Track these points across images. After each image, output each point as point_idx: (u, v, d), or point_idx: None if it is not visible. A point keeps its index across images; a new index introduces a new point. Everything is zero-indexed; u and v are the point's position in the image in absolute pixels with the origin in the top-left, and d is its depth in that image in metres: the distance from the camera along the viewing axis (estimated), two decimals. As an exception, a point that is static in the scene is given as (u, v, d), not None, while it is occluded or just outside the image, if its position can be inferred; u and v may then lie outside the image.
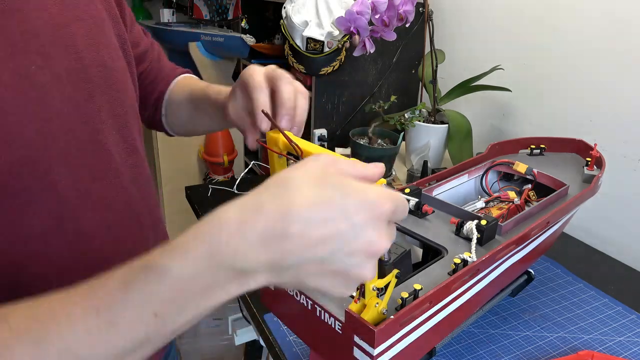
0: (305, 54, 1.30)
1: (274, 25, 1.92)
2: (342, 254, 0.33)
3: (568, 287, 0.85)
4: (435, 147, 1.23)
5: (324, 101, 1.40)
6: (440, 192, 0.75)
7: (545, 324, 0.76)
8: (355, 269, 0.34)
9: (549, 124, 1.17)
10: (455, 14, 1.41)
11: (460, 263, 0.54)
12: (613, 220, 1.04)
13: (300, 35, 1.30)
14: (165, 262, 0.33)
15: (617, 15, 0.98)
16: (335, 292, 0.35)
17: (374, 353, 0.45)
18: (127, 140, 0.61)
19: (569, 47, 1.09)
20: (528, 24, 1.19)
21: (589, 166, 0.79)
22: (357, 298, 0.46)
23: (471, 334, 0.73)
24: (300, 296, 0.51)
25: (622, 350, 0.71)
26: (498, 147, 0.86)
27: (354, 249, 0.33)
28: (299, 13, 1.30)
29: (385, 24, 1.01)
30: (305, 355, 0.69)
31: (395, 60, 1.44)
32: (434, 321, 0.52)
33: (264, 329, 0.74)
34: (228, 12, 2.12)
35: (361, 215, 0.33)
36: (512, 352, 0.70)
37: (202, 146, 2.24)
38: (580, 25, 1.06)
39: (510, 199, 0.75)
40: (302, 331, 0.56)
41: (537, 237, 0.67)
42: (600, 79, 1.04)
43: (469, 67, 1.37)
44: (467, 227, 0.61)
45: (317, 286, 0.35)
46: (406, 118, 1.23)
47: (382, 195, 0.34)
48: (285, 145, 0.48)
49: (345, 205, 0.33)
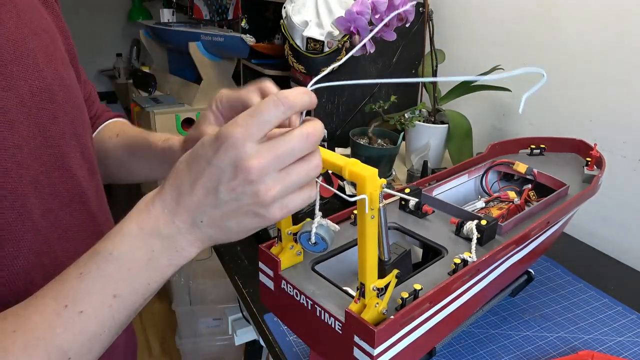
0: (305, 54, 1.30)
1: (274, 25, 1.92)
2: (225, 194, 0.37)
3: (568, 287, 0.85)
4: (435, 147, 1.23)
5: (324, 101, 1.40)
6: (440, 192, 0.75)
7: (545, 324, 0.76)
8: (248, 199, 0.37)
9: (549, 124, 1.17)
10: (455, 14, 1.41)
11: (460, 263, 0.54)
12: (613, 220, 1.04)
13: (300, 35, 1.30)
14: (108, 247, 0.39)
15: (618, 16, 0.98)
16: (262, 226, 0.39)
17: (374, 353, 0.45)
18: (88, 160, 0.58)
19: (569, 47, 1.09)
20: (528, 24, 1.19)
21: (589, 166, 0.79)
22: (357, 298, 0.46)
23: (471, 334, 0.73)
24: (300, 296, 0.52)
25: (622, 350, 0.71)
26: (498, 147, 0.86)
27: (231, 185, 0.37)
28: (299, 13, 1.30)
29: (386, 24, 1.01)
30: (305, 355, 0.69)
31: (395, 60, 1.44)
32: (434, 321, 0.52)
33: (264, 329, 0.74)
34: (228, 12, 2.12)
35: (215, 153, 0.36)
36: (512, 352, 0.70)
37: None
38: (581, 25, 1.06)
39: (510, 199, 0.75)
40: (302, 331, 0.56)
41: (537, 237, 0.67)
42: (600, 79, 1.04)
43: (469, 67, 1.37)
44: (467, 227, 0.61)
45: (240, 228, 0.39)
46: (406, 118, 1.23)
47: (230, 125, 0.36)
48: None
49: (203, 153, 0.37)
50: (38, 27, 0.53)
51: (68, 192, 0.54)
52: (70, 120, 0.54)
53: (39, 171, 0.50)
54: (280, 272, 0.54)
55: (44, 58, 0.52)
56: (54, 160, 0.52)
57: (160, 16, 2.32)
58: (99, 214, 0.59)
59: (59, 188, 0.52)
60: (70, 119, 0.55)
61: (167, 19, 2.29)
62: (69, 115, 0.54)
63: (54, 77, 0.53)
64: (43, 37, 0.53)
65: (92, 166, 0.59)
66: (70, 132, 0.54)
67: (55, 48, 0.55)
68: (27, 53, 0.49)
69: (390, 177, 1.22)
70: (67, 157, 0.54)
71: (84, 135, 0.58)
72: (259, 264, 0.56)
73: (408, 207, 0.67)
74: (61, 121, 0.53)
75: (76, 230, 0.55)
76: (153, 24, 2.21)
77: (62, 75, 0.54)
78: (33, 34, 0.51)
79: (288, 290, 0.53)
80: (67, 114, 0.54)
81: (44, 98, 0.50)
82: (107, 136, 0.73)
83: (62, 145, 0.53)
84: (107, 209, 0.63)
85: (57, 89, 0.53)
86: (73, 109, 0.55)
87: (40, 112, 0.50)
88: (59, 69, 0.54)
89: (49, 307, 0.38)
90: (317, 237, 0.46)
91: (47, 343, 0.37)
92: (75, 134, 0.55)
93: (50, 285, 0.40)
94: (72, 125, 0.55)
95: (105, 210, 0.62)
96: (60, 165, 0.53)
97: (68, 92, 0.55)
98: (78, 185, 0.55)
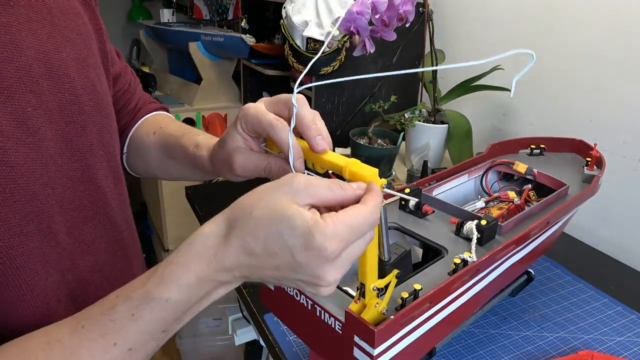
0: (305, 54, 1.30)
1: (274, 25, 1.92)
2: (291, 280, 0.39)
3: (568, 287, 0.85)
4: (435, 147, 1.23)
5: (324, 101, 1.40)
6: (440, 192, 0.75)
7: (545, 324, 0.76)
8: (307, 288, 0.40)
9: (549, 124, 1.17)
10: (455, 14, 1.41)
11: (460, 263, 0.54)
12: (613, 220, 1.05)
13: (300, 35, 1.30)
14: (164, 294, 0.39)
15: (618, 15, 0.98)
16: None
17: (374, 353, 0.45)
18: (114, 168, 0.57)
19: (569, 47, 1.09)
20: (528, 24, 1.19)
21: (589, 166, 0.79)
22: (357, 298, 0.46)
23: (471, 334, 0.73)
24: (300, 296, 0.52)
25: (622, 350, 0.71)
26: (498, 147, 0.86)
27: (299, 278, 0.39)
28: (299, 13, 1.30)
29: (385, 24, 1.01)
30: (305, 355, 0.69)
31: (395, 60, 1.44)
32: (434, 321, 0.52)
33: (264, 329, 0.74)
34: (228, 12, 2.12)
35: (303, 254, 0.37)
36: (512, 352, 0.70)
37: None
38: (581, 24, 1.06)
39: (510, 199, 0.75)
40: (302, 331, 0.56)
41: (537, 237, 0.67)
42: (600, 79, 1.04)
43: (469, 67, 1.37)
44: (467, 227, 0.61)
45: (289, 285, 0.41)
46: (406, 118, 1.23)
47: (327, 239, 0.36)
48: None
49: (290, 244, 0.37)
50: (73, 32, 0.51)
51: (92, 205, 0.53)
52: (97, 129, 0.53)
53: (65, 187, 0.49)
54: None
55: (76, 67, 0.50)
56: (80, 174, 0.51)
57: (160, 16, 2.32)
58: (121, 222, 0.58)
59: (84, 202, 0.51)
60: (98, 129, 0.53)
61: (167, 19, 2.29)
62: (97, 125, 0.53)
63: (85, 86, 0.51)
64: (77, 43, 0.51)
65: (117, 174, 0.58)
66: (97, 142, 0.53)
67: (89, 53, 0.53)
68: (58, 64, 0.48)
69: (390, 177, 1.22)
70: (93, 169, 0.52)
71: (111, 144, 0.56)
72: None
73: (408, 207, 0.67)
74: (89, 132, 0.52)
75: (99, 243, 0.54)
76: (153, 24, 2.21)
77: (93, 82, 0.53)
78: (67, 42, 0.50)
79: (288, 290, 0.53)
80: (95, 124, 0.53)
81: (73, 111, 0.49)
82: (145, 132, 0.70)
83: (88, 158, 0.52)
84: (129, 217, 0.62)
85: (87, 98, 0.51)
86: (101, 117, 0.54)
87: (69, 126, 0.49)
88: (90, 76, 0.52)
89: (96, 343, 0.39)
90: None
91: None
92: (102, 143, 0.54)
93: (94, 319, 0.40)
94: (99, 135, 0.53)
95: (128, 218, 0.61)
96: (87, 178, 0.52)
97: (97, 100, 0.53)
98: (103, 197, 0.54)
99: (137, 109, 0.72)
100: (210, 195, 1.15)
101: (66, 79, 0.48)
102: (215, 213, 0.41)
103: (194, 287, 0.39)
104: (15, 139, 0.43)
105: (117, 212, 0.57)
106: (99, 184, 0.53)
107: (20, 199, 0.43)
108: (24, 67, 0.44)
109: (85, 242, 0.52)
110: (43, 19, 0.47)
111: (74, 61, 0.50)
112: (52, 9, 0.49)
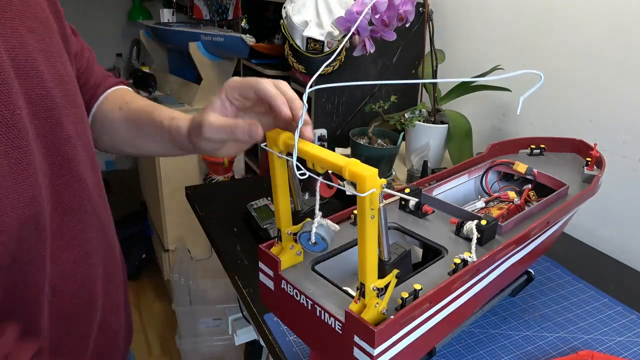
0: (305, 54, 1.30)
1: (274, 25, 1.92)
2: None
3: (568, 287, 0.85)
4: (435, 147, 1.23)
5: (324, 101, 1.40)
6: (440, 192, 0.75)
7: (545, 324, 0.76)
8: None
9: (549, 124, 1.17)
10: (455, 14, 1.41)
11: (460, 263, 0.54)
12: (613, 220, 1.05)
13: (300, 35, 1.30)
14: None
15: (617, 15, 0.98)
16: None
17: (374, 353, 0.45)
18: (89, 155, 0.57)
19: (569, 47, 1.09)
20: (528, 24, 1.19)
21: (589, 166, 0.79)
22: (357, 298, 0.46)
23: (471, 334, 0.73)
24: (300, 296, 0.52)
25: (622, 350, 0.71)
26: (498, 147, 0.86)
27: None
28: (299, 13, 1.30)
29: (385, 24, 1.01)
30: (305, 355, 0.69)
31: (395, 60, 1.44)
32: (434, 321, 0.52)
33: (264, 329, 0.74)
34: (228, 12, 2.12)
35: None
36: (512, 352, 0.70)
37: (202, 146, 2.24)
38: (581, 25, 1.06)
39: (510, 199, 0.75)
40: (302, 331, 0.56)
41: (537, 237, 0.67)
42: (600, 79, 1.04)
43: (469, 67, 1.37)
44: (467, 227, 0.61)
45: None
46: (406, 118, 1.23)
47: None
48: (285, 146, 0.48)
49: None
50: (35, 21, 0.49)
51: (76, 197, 0.53)
52: (72, 121, 0.53)
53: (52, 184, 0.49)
54: (280, 272, 0.54)
55: (43, 58, 0.49)
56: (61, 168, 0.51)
57: (160, 16, 2.32)
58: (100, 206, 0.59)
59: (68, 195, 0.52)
60: (72, 120, 0.53)
61: (167, 19, 2.29)
62: (70, 117, 0.53)
63: (54, 78, 0.50)
64: (40, 32, 0.49)
65: (92, 161, 0.58)
66: (74, 134, 0.53)
67: (51, 41, 0.52)
68: (27, 58, 0.47)
69: (390, 177, 1.22)
70: (74, 161, 0.53)
71: (85, 134, 0.57)
72: (258, 264, 0.56)
73: (408, 207, 0.67)
74: (65, 125, 0.52)
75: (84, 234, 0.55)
76: (153, 24, 2.21)
77: (60, 72, 0.52)
78: (30, 33, 0.48)
79: (288, 290, 0.53)
80: (68, 115, 0.53)
81: (46, 106, 0.49)
82: (109, 109, 0.69)
83: (68, 151, 0.52)
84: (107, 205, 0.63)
85: (57, 91, 0.51)
86: (73, 108, 0.54)
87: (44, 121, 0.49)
88: (56, 66, 0.51)
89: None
90: (317, 237, 0.47)
91: None
92: (78, 134, 0.54)
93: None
94: (74, 126, 0.54)
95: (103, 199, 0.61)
96: (69, 172, 0.52)
97: (67, 91, 0.53)
98: (85, 188, 0.55)
99: (97, 85, 0.70)
100: (210, 195, 1.15)
101: (35, 74, 0.47)
102: (215, 213, 0.41)
103: None
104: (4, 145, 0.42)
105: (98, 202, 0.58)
106: (81, 175, 0.54)
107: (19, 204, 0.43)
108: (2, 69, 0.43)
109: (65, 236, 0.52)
110: (4, 12, 0.45)
111: (40, 52, 0.49)
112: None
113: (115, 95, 0.71)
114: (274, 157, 0.49)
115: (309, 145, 0.46)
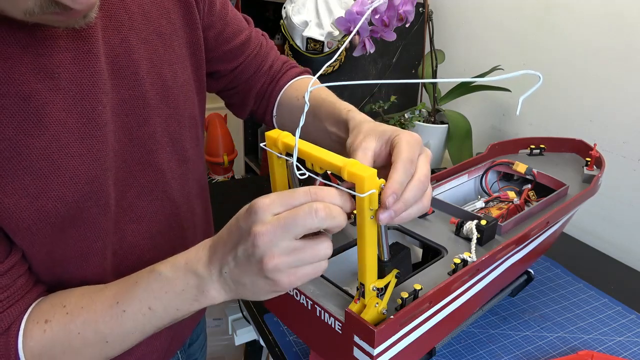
0: (305, 54, 1.30)
1: (273, 26, 1.92)
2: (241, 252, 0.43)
3: (568, 287, 0.85)
4: (435, 147, 1.23)
5: (324, 101, 1.40)
6: (440, 192, 0.75)
7: (545, 324, 0.76)
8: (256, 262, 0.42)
9: (549, 124, 1.17)
10: (455, 14, 1.41)
11: (460, 263, 0.54)
12: (613, 220, 1.05)
13: (300, 35, 1.30)
14: (162, 269, 0.48)
15: (618, 15, 0.98)
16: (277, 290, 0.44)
17: (374, 353, 0.45)
18: (179, 152, 0.62)
19: (569, 47, 1.09)
20: (528, 24, 1.19)
21: (589, 166, 0.79)
22: (357, 298, 0.46)
23: (471, 334, 0.73)
24: (300, 296, 0.52)
25: (622, 350, 0.71)
26: (498, 147, 0.86)
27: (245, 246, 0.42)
28: (299, 13, 1.30)
29: (385, 24, 1.01)
30: (305, 355, 0.69)
31: (395, 60, 1.44)
32: (434, 321, 0.52)
33: (264, 329, 0.74)
34: (228, 12, 2.12)
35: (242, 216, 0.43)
36: (512, 352, 0.70)
37: (202, 146, 2.24)
38: (580, 25, 1.06)
39: (510, 199, 0.75)
40: (302, 331, 0.56)
41: (537, 237, 0.67)
42: (600, 79, 1.04)
43: (469, 67, 1.37)
44: (467, 227, 0.61)
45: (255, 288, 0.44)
46: (406, 118, 1.23)
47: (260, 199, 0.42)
48: (284, 146, 0.48)
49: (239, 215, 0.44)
50: (152, 34, 0.55)
51: (149, 183, 0.58)
52: (163, 119, 0.58)
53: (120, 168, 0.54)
54: None
55: (148, 65, 0.54)
56: (139, 157, 0.56)
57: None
58: (180, 199, 0.63)
59: (141, 181, 0.57)
60: (164, 119, 0.58)
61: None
62: (162, 116, 0.57)
63: (152, 83, 0.55)
64: (154, 42, 0.55)
65: (181, 157, 0.62)
66: (162, 130, 0.58)
67: (166, 50, 0.57)
68: (131, 64, 0.52)
69: (390, 177, 1.22)
70: (154, 154, 0.57)
71: (177, 131, 0.60)
72: None
73: (408, 207, 0.67)
74: (152, 122, 0.56)
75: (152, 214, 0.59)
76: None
77: (164, 78, 0.57)
78: (142, 43, 0.54)
79: (288, 290, 0.53)
80: (160, 114, 0.57)
81: (136, 105, 0.54)
82: (295, 96, 0.72)
83: (149, 145, 0.56)
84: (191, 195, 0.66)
85: (154, 93, 0.56)
86: (168, 108, 0.58)
87: (129, 118, 0.54)
88: (163, 72, 0.56)
89: (108, 300, 0.49)
90: None
91: (97, 326, 0.49)
92: (168, 131, 0.59)
93: (119, 281, 0.51)
94: (164, 125, 0.58)
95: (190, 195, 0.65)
96: (147, 162, 0.57)
97: (165, 94, 0.57)
98: (162, 177, 0.59)
99: (276, 70, 0.76)
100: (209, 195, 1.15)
101: (134, 77, 0.53)
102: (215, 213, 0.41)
103: (180, 270, 0.47)
104: (81, 133, 0.48)
105: (176, 189, 0.62)
106: (160, 167, 0.59)
107: (80, 181, 0.49)
108: (98, 72, 0.49)
109: (135, 212, 0.58)
110: (120, 25, 0.52)
111: (146, 60, 0.54)
112: (133, 14, 0.53)
113: (301, 84, 0.74)
114: (274, 157, 0.49)
115: (308, 146, 0.46)
